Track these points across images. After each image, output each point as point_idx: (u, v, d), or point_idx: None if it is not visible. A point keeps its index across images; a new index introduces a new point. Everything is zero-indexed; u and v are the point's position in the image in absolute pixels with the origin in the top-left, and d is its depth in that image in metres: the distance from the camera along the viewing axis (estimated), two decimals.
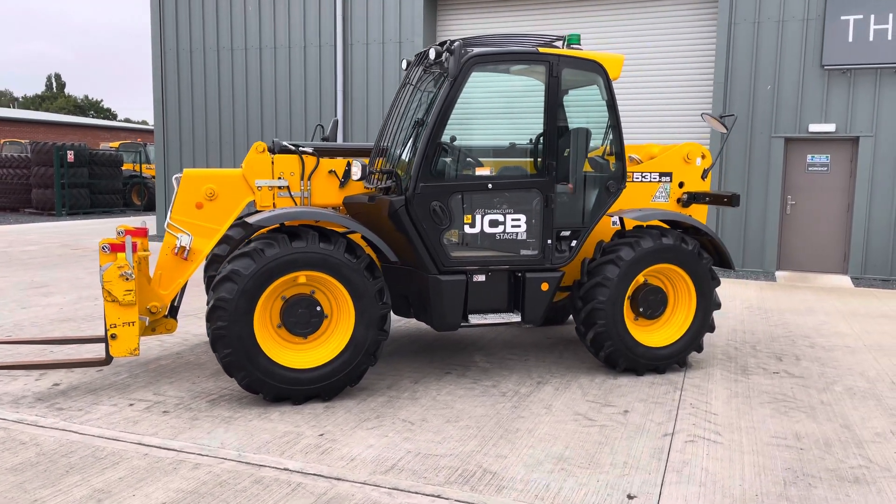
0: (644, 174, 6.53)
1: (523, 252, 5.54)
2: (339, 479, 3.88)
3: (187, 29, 15.07)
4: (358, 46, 13.75)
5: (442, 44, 5.36)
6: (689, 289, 5.92)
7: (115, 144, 28.08)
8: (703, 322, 5.95)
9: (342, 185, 5.89)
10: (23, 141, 27.85)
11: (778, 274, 11.54)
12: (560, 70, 5.41)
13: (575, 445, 4.41)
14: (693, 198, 6.57)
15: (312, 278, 5.00)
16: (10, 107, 64.84)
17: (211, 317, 4.82)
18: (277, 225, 5.16)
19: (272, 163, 5.75)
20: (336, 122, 7.15)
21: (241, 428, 4.59)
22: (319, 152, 5.96)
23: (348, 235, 5.36)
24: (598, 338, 5.69)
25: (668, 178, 6.59)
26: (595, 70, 5.53)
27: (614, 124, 5.69)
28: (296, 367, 4.98)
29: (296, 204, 5.80)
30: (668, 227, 6.24)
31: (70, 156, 21.71)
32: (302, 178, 5.81)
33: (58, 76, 76.93)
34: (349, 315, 5.08)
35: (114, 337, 5.03)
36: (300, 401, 5.04)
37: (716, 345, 6.97)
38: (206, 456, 4.16)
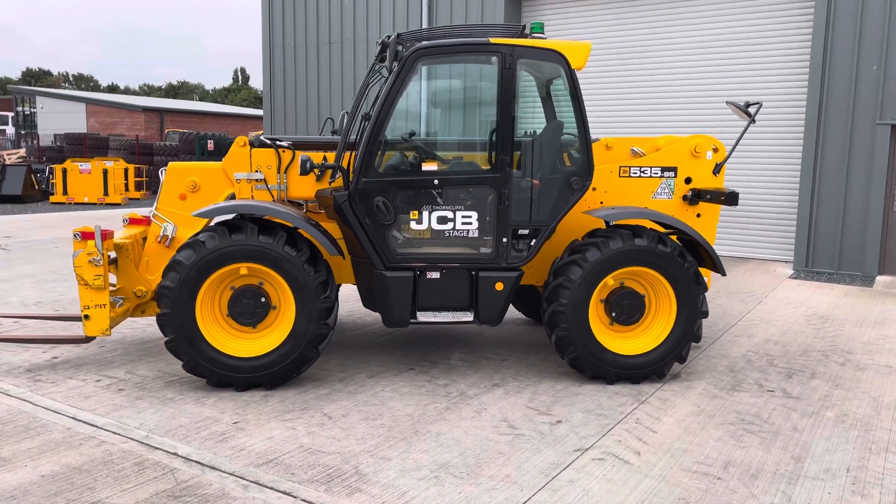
0: (643, 168, 6.09)
1: (476, 250, 5.37)
2: (212, 468, 4.01)
3: (292, 24, 15.81)
4: None
5: (395, 37, 5.29)
6: (670, 294, 5.46)
7: (260, 133, 30.10)
8: (684, 331, 5.46)
9: (318, 178, 5.98)
10: (182, 130, 30.55)
11: (879, 279, 10.28)
12: (514, 61, 5.15)
13: (471, 453, 4.25)
14: (697, 195, 6.05)
15: (255, 270, 5.15)
16: (192, 99, 71.24)
17: (158, 303, 5.11)
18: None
19: (250, 156, 5.96)
20: (345, 115, 7.23)
21: (171, 410, 4.84)
22: (296, 146, 6.08)
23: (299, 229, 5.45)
24: (561, 342, 5.40)
25: (671, 174, 6.11)
26: (555, 60, 5.21)
27: (579, 117, 5.33)
28: (237, 356, 5.16)
29: (273, 197, 5.97)
30: (659, 227, 5.80)
31: (210, 144, 23.55)
32: (278, 172, 5.97)
33: (243, 69, 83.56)
34: (292, 307, 5.18)
35: (87, 318, 5.46)
36: (242, 388, 5.21)
37: (728, 355, 6.38)
38: (117, 434, 4.43)
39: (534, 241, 5.39)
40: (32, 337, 5.87)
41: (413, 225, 5.31)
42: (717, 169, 6.14)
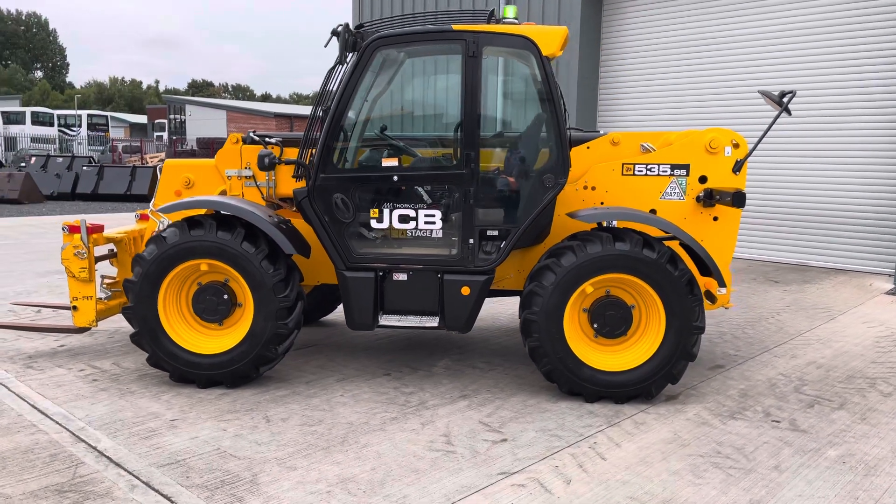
0: (650, 166, 5.50)
1: (440, 251, 5.04)
2: (117, 465, 3.95)
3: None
4: None
5: (345, 26, 5.06)
6: (658, 306, 4.87)
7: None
8: (674, 347, 4.85)
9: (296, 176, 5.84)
10: None
11: None
12: (479, 49, 4.77)
13: (386, 469, 3.94)
14: (709, 195, 5.39)
15: (216, 267, 5.09)
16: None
17: (126, 296, 5.17)
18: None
19: (240, 153, 5.93)
20: None
21: (124, 403, 4.87)
22: (285, 143, 5.99)
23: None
24: (534, 353, 4.96)
25: (683, 172, 5.48)
26: (524, 46, 4.78)
27: (552, 109, 4.87)
28: (197, 352, 5.12)
29: (262, 193, 5.91)
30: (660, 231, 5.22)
31: None
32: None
33: None
34: (251, 305, 5.09)
35: (75, 308, 5.64)
36: (204, 385, 5.17)
37: (751, 377, 5.63)
38: (57, 424, 4.49)
39: (503, 242, 4.98)
40: (32, 325, 6.15)
41: (373, 223, 5.06)
42: (738, 166, 5.44)
